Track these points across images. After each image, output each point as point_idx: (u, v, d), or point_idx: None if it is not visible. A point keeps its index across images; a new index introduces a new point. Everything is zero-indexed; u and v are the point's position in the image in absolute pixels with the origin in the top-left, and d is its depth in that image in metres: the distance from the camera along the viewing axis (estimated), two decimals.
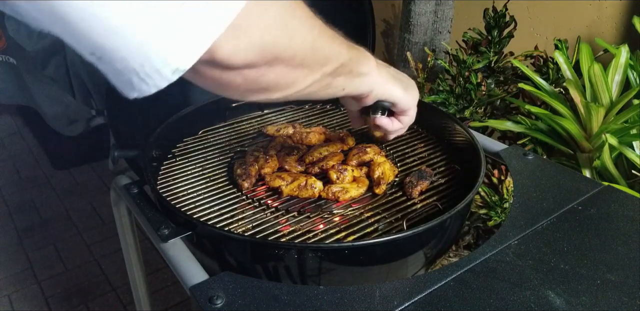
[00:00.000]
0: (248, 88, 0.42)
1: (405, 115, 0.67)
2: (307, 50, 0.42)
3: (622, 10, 1.27)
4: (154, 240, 0.65)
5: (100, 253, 1.86)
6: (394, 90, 0.60)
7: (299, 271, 0.62)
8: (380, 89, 0.58)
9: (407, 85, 0.64)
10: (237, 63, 0.36)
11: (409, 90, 0.63)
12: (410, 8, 1.48)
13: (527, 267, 0.58)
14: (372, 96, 0.59)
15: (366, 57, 0.55)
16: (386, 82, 0.59)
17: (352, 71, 0.52)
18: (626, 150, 0.95)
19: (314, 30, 0.43)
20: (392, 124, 0.67)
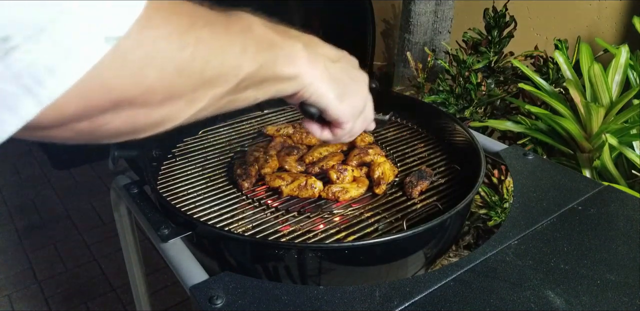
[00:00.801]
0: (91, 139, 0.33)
1: (338, 127, 0.53)
2: (174, 80, 0.32)
3: (622, 10, 1.27)
4: (154, 240, 0.65)
5: (100, 253, 1.86)
6: (324, 94, 0.48)
7: (299, 271, 0.62)
8: (307, 90, 0.47)
9: (349, 91, 0.51)
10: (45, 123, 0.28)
11: (347, 98, 0.50)
12: (410, 8, 1.48)
13: (527, 267, 0.58)
14: (297, 97, 0.47)
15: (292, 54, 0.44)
16: (319, 81, 0.47)
17: (266, 79, 0.41)
18: (626, 150, 0.95)
19: (184, 50, 0.31)
20: (320, 132, 0.55)
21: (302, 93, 0.46)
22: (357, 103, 0.52)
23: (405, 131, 0.93)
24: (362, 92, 0.53)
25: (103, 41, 0.26)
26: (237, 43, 0.37)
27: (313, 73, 0.46)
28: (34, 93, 0.25)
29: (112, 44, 0.27)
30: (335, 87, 0.49)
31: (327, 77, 0.48)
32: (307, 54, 0.45)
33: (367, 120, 0.57)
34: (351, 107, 0.51)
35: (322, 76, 0.47)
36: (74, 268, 1.79)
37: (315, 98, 0.48)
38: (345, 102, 0.50)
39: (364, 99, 0.54)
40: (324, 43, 0.51)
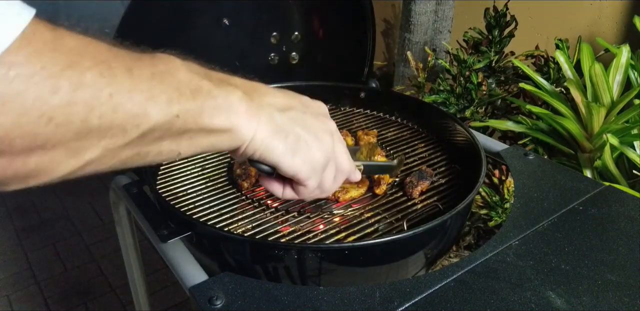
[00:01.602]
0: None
1: (300, 184, 0.47)
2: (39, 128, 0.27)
3: (623, 10, 1.27)
4: (153, 240, 0.65)
5: (100, 253, 1.86)
6: (271, 149, 0.42)
7: (299, 271, 0.61)
8: (250, 146, 0.41)
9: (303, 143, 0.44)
10: None
11: (300, 152, 0.44)
12: (410, 7, 1.48)
13: (527, 268, 0.58)
14: (239, 153, 0.42)
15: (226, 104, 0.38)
16: (264, 135, 0.41)
17: (187, 131, 0.35)
18: (627, 150, 0.95)
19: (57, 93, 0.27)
20: (282, 191, 0.49)
21: (245, 150, 0.41)
22: (314, 156, 0.45)
23: (405, 131, 0.93)
24: (320, 143, 0.46)
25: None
26: (140, 89, 0.31)
27: (254, 125, 0.40)
28: None
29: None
30: (284, 140, 0.43)
31: (273, 129, 0.42)
32: (246, 103, 0.39)
33: (343, 172, 0.50)
34: (307, 161, 0.45)
35: (266, 128, 0.41)
36: (74, 268, 1.79)
37: (261, 154, 0.42)
38: (299, 156, 0.44)
39: (325, 150, 0.46)
40: (274, 90, 0.45)
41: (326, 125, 0.48)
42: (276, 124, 0.42)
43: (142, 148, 0.34)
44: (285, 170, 0.44)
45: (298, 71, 1.06)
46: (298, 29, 1.02)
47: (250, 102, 0.40)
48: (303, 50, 1.04)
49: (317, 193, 0.50)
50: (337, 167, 0.49)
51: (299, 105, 0.46)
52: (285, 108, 0.44)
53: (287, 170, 0.44)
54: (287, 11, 1.00)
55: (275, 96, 0.44)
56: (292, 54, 1.04)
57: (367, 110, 1.00)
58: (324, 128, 0.47)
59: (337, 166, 0.49)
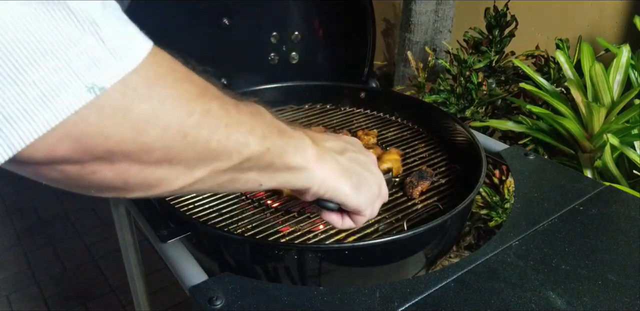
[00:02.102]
0: (79, 185, 0.33)
1: (359, 215, 0.52)
2: (175, 143, 0.31)
3: (623, 10, 1.27)
4: (153, 240, 0.65)
5: (100, 253, 1.85)
6: (340, 189, 0.47)
7: (299, 272, 0.61)
8: (321, 187, 0.45)
9: (363, 180, 0.49)
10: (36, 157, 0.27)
11: (363, 188, 0.49)
12: (410, 7, 1.48)
13: (528, 268, 0.58)
14: (311, 194, 0.46)
15: (302, 146, 0.43)
16: (332, 177, 0.46)
17: (272, 164, 0.40)
18: (627, 150, 0.95)
19: (192, 116, 0.31)
20: (341, 222, 0.53)
21: (317, 191, 0.46)
22: (373, 190, 0.51)
23: (405, 131, 0.93)
24: (374, 177, 0.52)
25: (84, 90, 0.26)
26: (245, 122, 0.36)
27: (324, 169, 0.45)
28: (4, 135, 0.25)
29: (94, 93, 0.26)
30: (349, 179, 0.48)
31: (339, 171, 0.47)
32: (316, 148, 0.44)
33: (384, 198, 0.55)
34: (368, 194, 0.50)
35: (334, 171, 0.46)
36: (73, 268, 1.79)
37: (331, 194, 0.47)
38: (362, 192, 0.49)
39: (378, 183, 0.52)
40: (325, 135, 0.51)
41: (371, 157, 0.53)
42: (341, 166, 0.47)
43: (236, 174, 0.38)
44: (351, 206, 0.49)
45: (298, 71, 1.06)
46: (298, 29, 1.02)
47: (318, 147, 0.45)
48: (303, 50, 1.04)
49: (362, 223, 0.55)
50: (382, 194, 0.54)
51: (348, 145, 0.51)
52: (341, 150, 0.49)
53: (352, 206, 0.49)
54: (287, 11, 1.00)
55: (330, 140, 0.50)
56: (292, 54, 1.04)
57: (367, 110, 1.00)
58: (372, 162, 0.53)
59: (381, 194, 0.54)
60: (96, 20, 0.26)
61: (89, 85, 0.26)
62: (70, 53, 0.25)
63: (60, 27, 0.25)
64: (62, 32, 0.25)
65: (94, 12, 0.26)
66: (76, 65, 0.26)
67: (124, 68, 0.27)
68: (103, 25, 0.27)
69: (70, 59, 0.25)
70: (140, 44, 0.29)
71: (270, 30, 0.99)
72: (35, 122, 0.25)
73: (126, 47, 0.27)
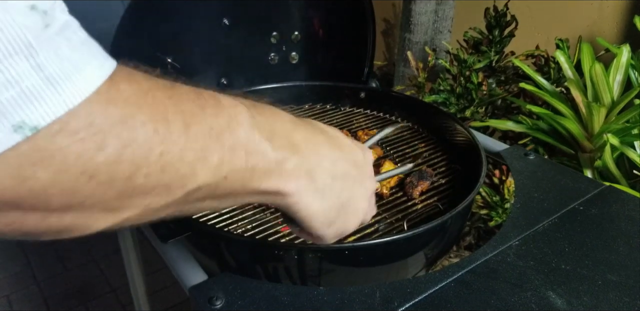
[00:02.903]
0: None
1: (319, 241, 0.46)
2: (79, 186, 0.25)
3: (623, 10, 1.27)
4: (153, 240, 0.65)
5: (100, 253, 1.85)
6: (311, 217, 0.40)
7: (299, 272, 0.61)
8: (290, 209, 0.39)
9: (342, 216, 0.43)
10: None
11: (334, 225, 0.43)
12: (410, 7, 1.48)
13: (528, 268, 0.58)
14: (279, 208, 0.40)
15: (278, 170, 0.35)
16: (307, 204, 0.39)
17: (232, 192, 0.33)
18: (628, 150, 0.95)
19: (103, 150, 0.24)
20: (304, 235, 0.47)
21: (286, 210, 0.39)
22: (347, 227, 0.45)
23: (405, 131, 0.93)
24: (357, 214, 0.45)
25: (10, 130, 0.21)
26: (193, 147, 0.28)
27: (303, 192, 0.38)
28: None
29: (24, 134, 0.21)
30: (327, 211, 0.41)
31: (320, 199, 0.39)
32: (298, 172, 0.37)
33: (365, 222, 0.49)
34: (339, 231, 0.44)
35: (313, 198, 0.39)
36: (73, 268, 1.79)
37: (299, 216, 0.40)
38: (334, 227, 0.43)
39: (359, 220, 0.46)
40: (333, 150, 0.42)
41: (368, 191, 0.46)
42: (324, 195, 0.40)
43: (183, 206, 0.32)
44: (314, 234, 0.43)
45: (298, 71, 1.06)
46: (298, 29, 1.02)
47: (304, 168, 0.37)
48: (303, 50, 1.04)
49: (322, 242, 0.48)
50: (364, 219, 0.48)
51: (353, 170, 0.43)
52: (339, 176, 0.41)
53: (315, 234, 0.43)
54: (287, 11, 1.00)
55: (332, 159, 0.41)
56: (292, 54, 1.04)
57: (367, 110, 1.00)
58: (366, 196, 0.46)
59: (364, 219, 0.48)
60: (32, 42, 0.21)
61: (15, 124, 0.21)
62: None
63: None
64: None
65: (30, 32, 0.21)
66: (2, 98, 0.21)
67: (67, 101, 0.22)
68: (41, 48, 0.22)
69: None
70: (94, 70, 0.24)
71: (270, 30, 0.99)
72: None
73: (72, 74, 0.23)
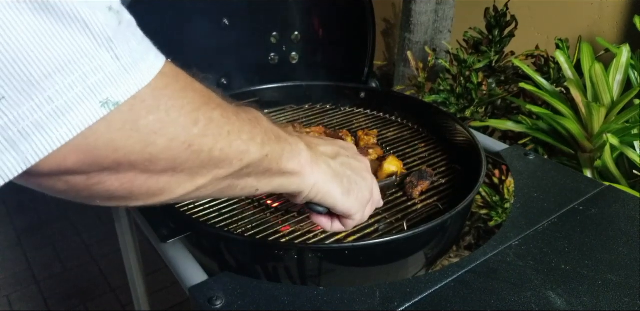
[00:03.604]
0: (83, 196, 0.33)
1: (348, 218, 0.53)
2: (181, 152, 0.32)
3: (623, 10, 1.27)
4: (153, 240, 0.65)
5: (100, 253, 1.85)
6: (330, 193, 0.47)
7: (299, 271, 0.61)
8: (312, 191, 0.46)
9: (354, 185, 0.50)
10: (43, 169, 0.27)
11: (353, 193, 0.50)
12: (410, 7, 1.48)
13: (528, 268, 0.58)
14: (302, 197, 0.47)
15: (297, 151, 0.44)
16: (323, 181, 0.47)
17: (269, 170, 0.41)
18: (627, 150, 0.95)
19: (197, 125, 0.32)
20: (330, 225, 0.54)
21: (308, 194, 0.46)
22: (364, 195, 0.52)
23: (405, 131, 0.93)
24: (366, 183, 0.52)
25: (99, 105, 0.26)
26: (245, 130, 0.37)
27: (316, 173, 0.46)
28: (18, 149, 0.25)
29: (108, 109, 0.27)
30: (340, 184, 0.48)
31: (331, 176, 0.48)
32: (310, 153, 0.46)
33: (376, 203, 0.56)
34: (359, 199, 0.51)
35: (325, 175, 0.47)
36: (73, 268, 1.79)
37: (321, 198, 0.47)
38: (352, 196, 0.50)
39: (370, 188, 0.53)
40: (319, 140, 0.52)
41: (364, 164, 0.54)
42: (333, 170, 0.48)
43: (235, 181, 0.39)
44: (340, 210, 0.50)
45: (298, 71, 1.06)
46: (298, 29, 1.02)
47: (311, 151, 0.46)
48: (303, 50, 1.04)
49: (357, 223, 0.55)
50: (373, 200, 0.55)
51: (342, 150, 0.52)
52: (334, 155, 0.50)
53: (342, 210, 0.50)
54: (287, 11, 1.00)
55: (323, 145, 0.50)
56: (292, 54, 1.04)
57: (367, 110, 1.00)
58: (365, 168, 0.54)
59: (373, 199, 0.54)
60: (111, 37, 0.27)
61: (103, 101, 0.26)
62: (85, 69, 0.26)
63: (77, 43, 0.25)
64: (79, 48, 0.25)
65: (110, 29, 0.27)
66: (91, 81, 0.26)
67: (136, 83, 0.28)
68: (118, 42, 0.27)
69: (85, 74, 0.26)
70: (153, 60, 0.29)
71: (270, 30, 0.99)
72: (50, 137, 0.25)
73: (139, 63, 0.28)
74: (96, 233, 1.95)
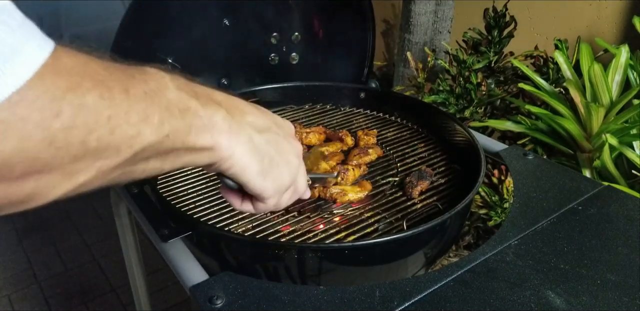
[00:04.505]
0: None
1: (261, 201, 0.48)
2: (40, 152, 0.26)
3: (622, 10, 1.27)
4: (153, 240, 0.65)
5: (100, 253, 1.86)
6: (246, 170, 0.43)
7: (299, 271, 0.62)
8: (225, 163, 0.41)
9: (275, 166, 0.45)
10: None
11: (271, 174, 0.45)
12: (410, 8, 1.48)
13: (527, 267, 0.58)
14: (213, 168, 0.42)
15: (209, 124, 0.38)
16: (240, 155, 0.41)
17: (174, 149, 0.36)
18: (626, 150, 0.95)
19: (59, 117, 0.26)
20: (239, 204, 0.50)
21: (219, 166, 0.41)
22: (283, 179, 0.47)
23: (405, 131, 0.93)
24: (289, 168, 0.47)
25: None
26: (136, 109, 0.31)
27: (233, 145, 0.41)
28: None
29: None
30: (259, 162, 0.43)
31: (250, 150, 0.42)
32: (228, 123, 0.40)
33: (298, 193, 0.52)
34: (276, 183, 0.46)
35: (244, 149, 0.42)
36: (74, 268, 1.79)
37: (234, 172, 0.42)
38: (270, 178, 0.45)
39: (292, 174, 0.48)
40: (252, 108, 0.46)
41: (295, 148, 0.49)
42: (254, 145, 0.43)
43: (130, 167, 0.34)
44: (252, 189, 0.45)
45: (298, 71, 1.06)
46: (298, 29, 1.02)
47: (232, 121, 0.41)
48: (303, 50, 1.05)
49: (270, 209, 0.51)
50: (295, 189, 0.51)
51: (274, 127, 0.47)
52: (262, 129, 0.45)
53: (254, 189, 0.45)
54: (287, 11, 1.01)
55: (254, 115, 0.45)
56: (292, 54, 1.04)
57: (367, 110, 1.01)
58: (294, 152, 0.49)
59: (295, 187, 0.50)
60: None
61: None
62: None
63: None
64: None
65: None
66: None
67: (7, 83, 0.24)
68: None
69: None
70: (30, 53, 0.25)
71: (270, 31, 1.00)
72: None
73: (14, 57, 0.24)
74: (97, 233, 1.95)
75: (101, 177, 0.32)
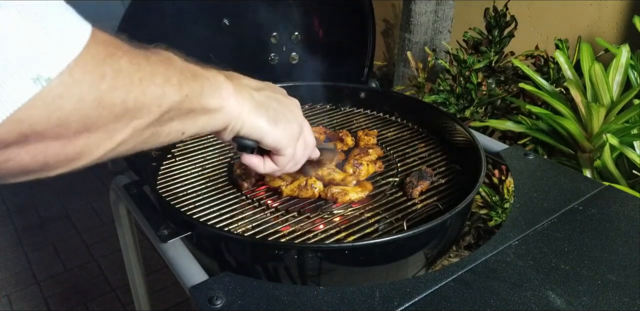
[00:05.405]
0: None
1: (279, 154, 0.52)
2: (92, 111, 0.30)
3: (623, 10, 1.27)
4: (153, 240, 0.65)
5: (100, 253, 1.86)
6: (256, 123, 0.47)
7: (299, 271, 0.62)
8: (237, 122, 0.45)
9: (281, 115, 0.50)
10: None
11: (280, 123, 0.49)
12: (410, 7, 1.48)
13: (527, 267, 0.58)
14: (228, 131, 0.46)
15: (216, 85, 0.43)
16: (247, 111, 0.46)
17: (192, 110, 0.40)
18: (627, 150, 0.95)
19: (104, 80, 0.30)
20: (263, 165, 0.53)
21: (233, 127, 0.46)
22: (292, 127, 0.51)
23: (405, 131, 0.93)
24: (294, 116, 0.52)
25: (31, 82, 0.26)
26: (159, 72, 0.35)
27: (239, 104, 0.45)
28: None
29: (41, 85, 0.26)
30: (265, 113, 0.48)
31: (255, 105, 0.47)
32: (231, 84, 0.45)
33: (309, 145, 0.55)
34: (287, 130, 0.50)
35: (249, 105, 0.46)
36: (73, 268, 1.79)
37: (247, 129, 0.47)
38: (280, 126, 0.49)
39: (299, 122, 0.52)
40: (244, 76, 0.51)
41: (293, 101, 0.54)
42: (256, 101, 0.47)
43: (158, 128, 0.38)
44: (268, 140, 0.49)
45: (298, 71, 1.06)
46: (298, 29, 1.02)
47: (232, 83, 0.45)
48: (303, 50, 1.05)
49: (292, 165, 0.55)
50: (305, 139, 0.55)
51: (267, 86, 0.52)
52: (258, 88, 0.50)
53: (270, 140, 0.49)
54: (287, 11, 1.01)
55: (247, 79, 0.51)
56: (292, 54, 1.04)
57: (367, 110, 1.01)
58: (294, 103, 0.54)
59: (304, 139, 0.55)
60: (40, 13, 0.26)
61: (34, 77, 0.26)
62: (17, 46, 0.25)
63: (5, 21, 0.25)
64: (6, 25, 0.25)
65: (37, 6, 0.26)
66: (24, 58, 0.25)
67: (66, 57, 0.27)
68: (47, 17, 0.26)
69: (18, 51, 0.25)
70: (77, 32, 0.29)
71: (270, 30, 0.99)
72: None
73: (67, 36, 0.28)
74: (96, 233, 1.95)
75: (135, 137, 0.35)
